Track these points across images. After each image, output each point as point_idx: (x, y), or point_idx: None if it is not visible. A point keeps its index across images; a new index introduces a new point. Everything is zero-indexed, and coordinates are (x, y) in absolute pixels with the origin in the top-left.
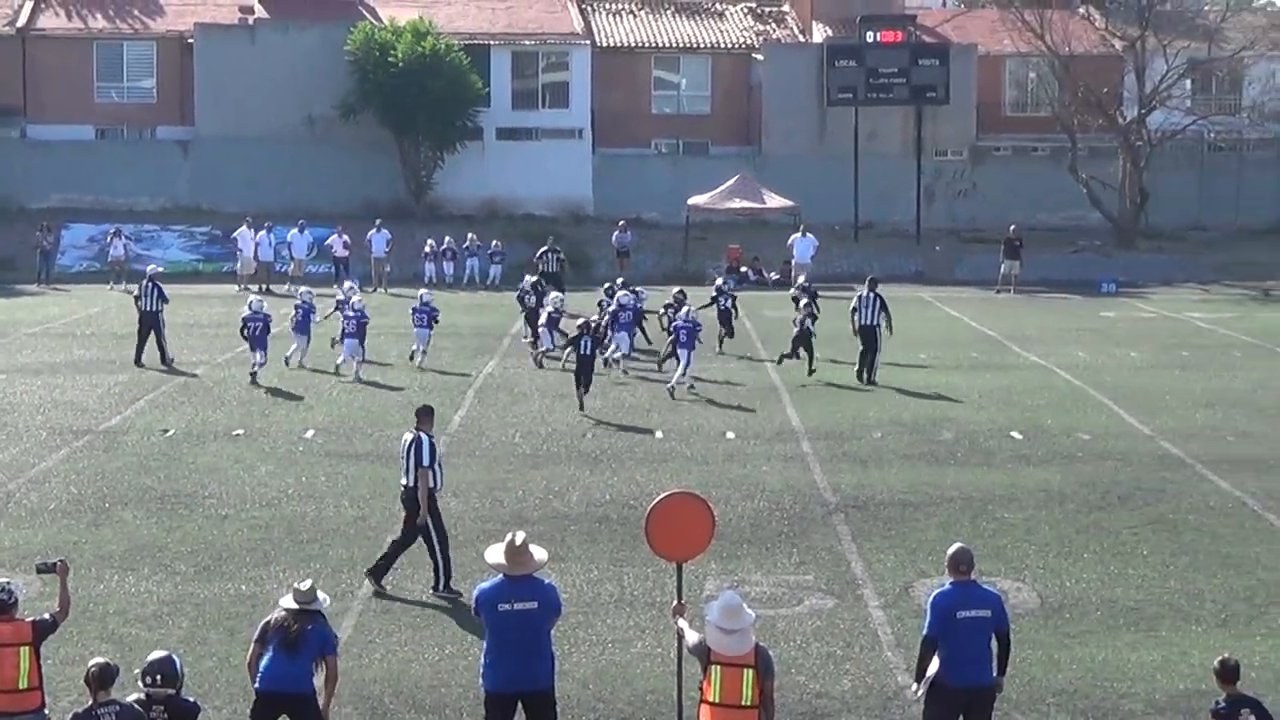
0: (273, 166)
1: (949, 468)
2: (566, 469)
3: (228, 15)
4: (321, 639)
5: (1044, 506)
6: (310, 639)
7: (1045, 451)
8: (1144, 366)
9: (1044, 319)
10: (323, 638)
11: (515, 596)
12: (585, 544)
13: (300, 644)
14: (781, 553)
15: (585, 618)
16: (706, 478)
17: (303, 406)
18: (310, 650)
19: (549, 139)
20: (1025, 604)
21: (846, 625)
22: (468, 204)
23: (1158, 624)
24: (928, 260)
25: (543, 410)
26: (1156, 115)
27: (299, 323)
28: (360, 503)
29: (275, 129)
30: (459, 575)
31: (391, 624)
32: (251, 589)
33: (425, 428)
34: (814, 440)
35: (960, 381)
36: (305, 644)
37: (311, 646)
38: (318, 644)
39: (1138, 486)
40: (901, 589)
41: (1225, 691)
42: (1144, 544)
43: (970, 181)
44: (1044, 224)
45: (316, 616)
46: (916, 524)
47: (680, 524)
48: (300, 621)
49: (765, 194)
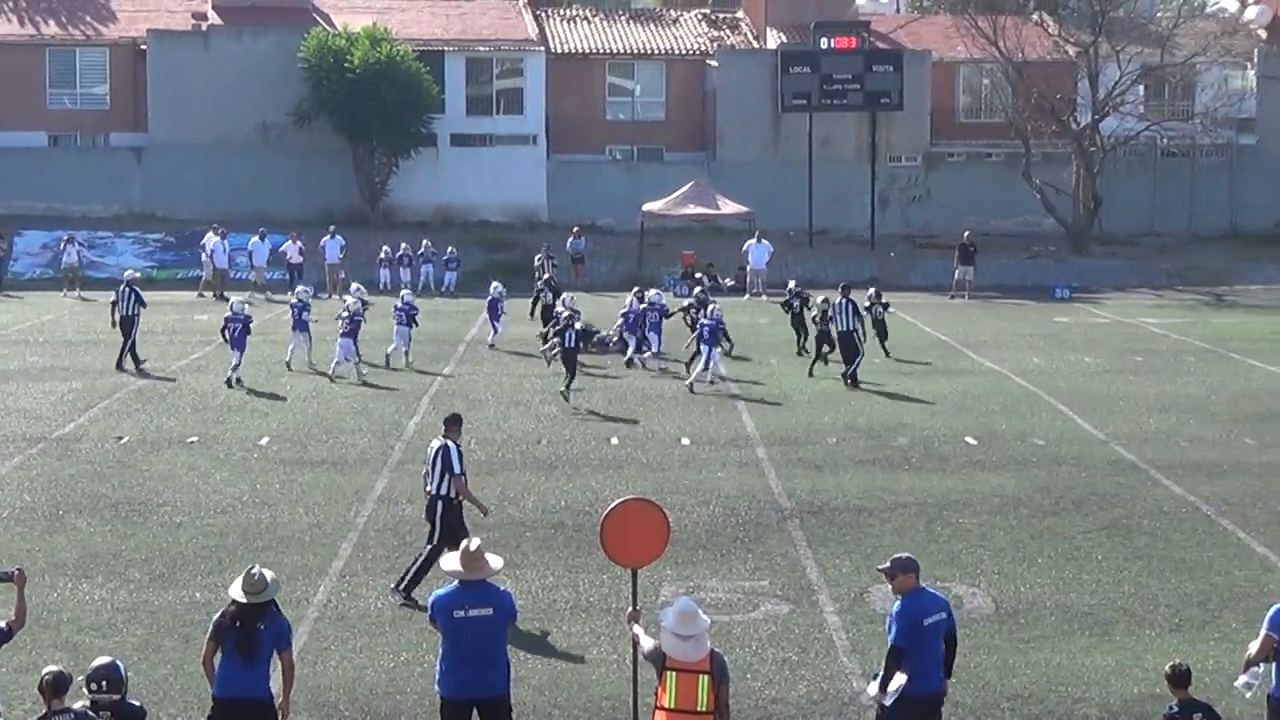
0: (227, 173)
1: (904, 473)
2: (522, 475)
3: (181, 21)
4: (276, 634)
5: (999, 512)
6: (264, 639)
7: (1000, 457)
8: (1098, 372)
9: (998, 324)
10: (277, 632)
11: (470, 603)
12: (541, 550)
13: (255, 646)
14: (737, 559)
15: (541, 624)
16: (662, 484)
17: (257, 413)
18: (266, 651)
19: (503, 145)
20: (980, 609)
21: (802, 631)
22: (422, 210)
23: (1112, 629)
24: (882, 266)
25: (498, 417)
26: (1109, 121)
27: (296, 322)
28: (315, 509)
29: (229, 135)
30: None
31: (346, 631)
32: (206, 596)
33: (453, 435)
34: (769, 446)
35: (915, 387)
36: (260, 645)
37: (266, 646)
38: (271, 641)
39: (1092, 492)
40: (857, 594)
41: (1177, 697)
42: (1098, 549)
43: (924, 187)
44: (998, 230)
45: (268, 608)
46: (871, 529)
47: (635, 530)
48: (252, 619)
49: (720, 200)
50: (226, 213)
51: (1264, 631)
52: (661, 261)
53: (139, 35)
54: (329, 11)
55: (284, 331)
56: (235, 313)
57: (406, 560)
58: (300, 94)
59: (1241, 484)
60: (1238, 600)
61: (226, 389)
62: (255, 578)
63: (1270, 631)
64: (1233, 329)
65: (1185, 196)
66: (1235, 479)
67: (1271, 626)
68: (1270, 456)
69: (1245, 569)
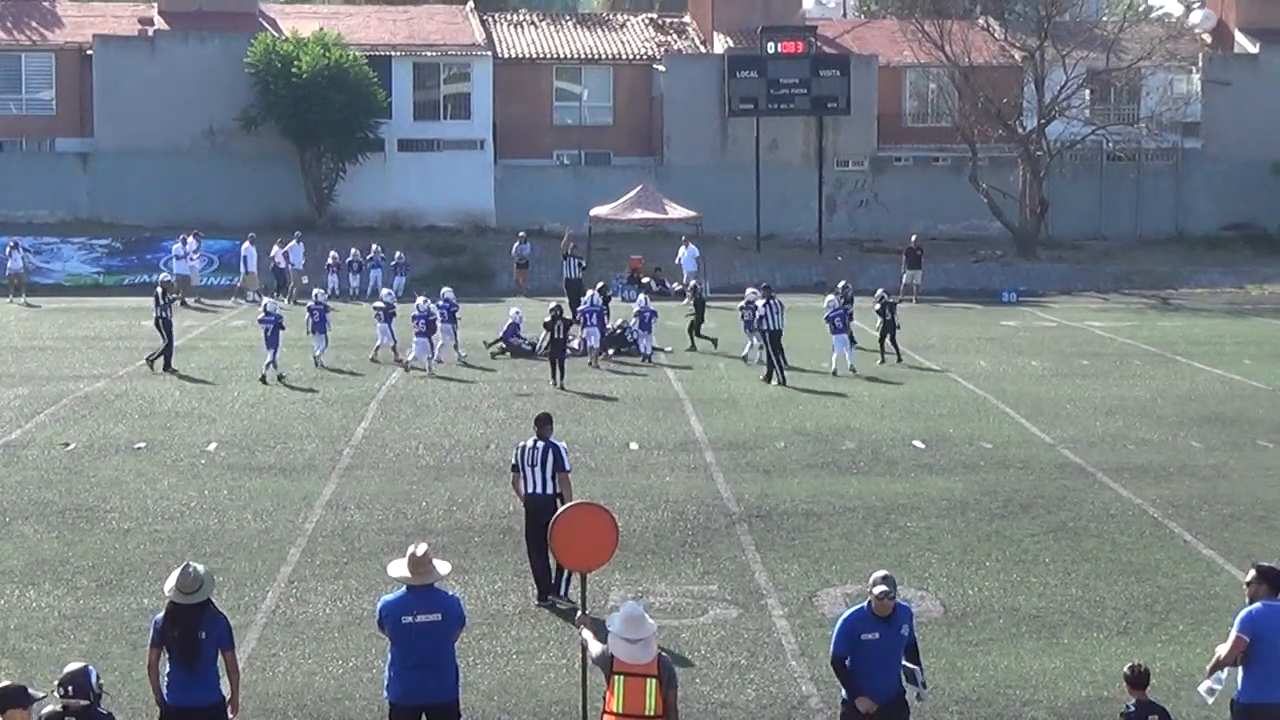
0: (173, 178)
1: (852, 477)
2: (470, 480)
3: (127, 27)
4: (217, 635)
5: (946, 515)
6: (207, 644)
7: (947, 460)
8: (1045, 375)
9: (945, 328)
10: (218, 633)
11: (418, 608)
12: (489, 555)
13: (198, 652)
14: (685, 563)
15: (490, 629)
16: (610, 488)
17: (205, 419)
18: (209, 653)
19: (450, 150)
20: (929, 612)
21: (750, 635)
22: (370, 216)
23: (1059, 631)
24: (829, 270)
25: (446, 422)
26: (1056, 125)
27: (316, 324)
28: (263, 515)
29: (176, 141)
30: (362, 587)
31: (295, 638)
32: (154, 603)
33: (548, 433)
34: (717, 450)
35: (863, 391)
36: (203, 650)
37: (209, 648)
38: (215, 642)
39: (1039, 495)
40: (805, 598)
41: (1135, 697)
42: (1045, 552)
43: (871, 191)
44: (945, 234)
45: (207, 608)
46: (819, 534)
47: (584, 535)
48: (191, 621)
49: (667, 204)
50: (173, 219)
51: (1234, 634)
52: (609, 266)
53: (85, 40)
54: (276, 17)
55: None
56: (269, 312)
57: (356, 566)
58: (247, 99)
59: (1188, 486)
60: (1185, 603)
61: (263, 385)
62: (190, 575)
63: (1240, 633)
64: (1178, 332)
65: (1131, 200)
66: (1181, 481)
67: (1241, 628)
68: (1216, 459)
69: (1191, 571)
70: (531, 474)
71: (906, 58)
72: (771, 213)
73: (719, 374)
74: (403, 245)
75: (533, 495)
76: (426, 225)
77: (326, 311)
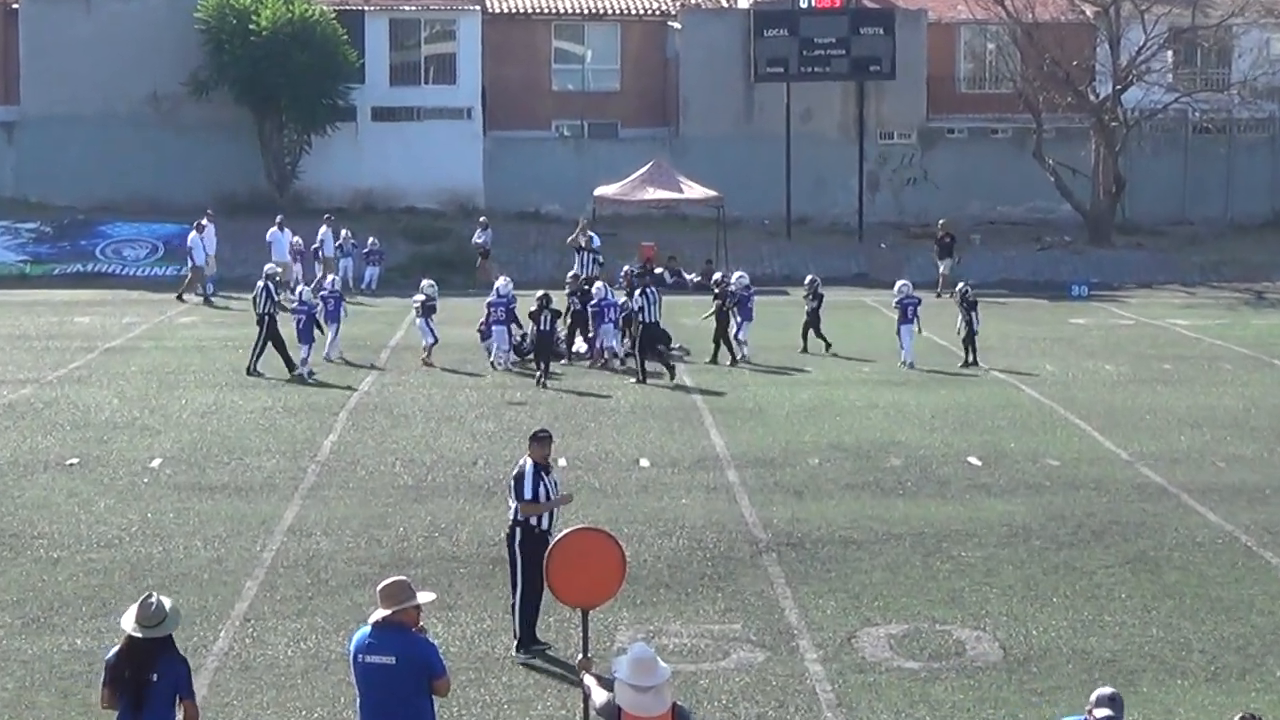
0: (112, 152)
1: (897, 499)
2: (455, 502)
3: None
4: (173, 679)
5: (1007, 544)
6: (158, 688)
7: (1008, 480)
8: (1121, 381)
9: (1005, 327)
10: (174, 677)
11: (373, 649)
12: (477, 589)
13: (145, 698)
14: (704, 598)
15: (478, 675)
16: (617, 512)
17: (148, 431)
18: (161, 701)
19: (433, 120)
20: (986, 656)
21: (780, 682)
22: (339, 195)
23: (1138, 678)
24: (871, 259)
25: (427, 434)
26: (1133, 92)
27: (329, 313)
28: (215, 542)
29: (115, 109)
30: (329, 626)
31: (251, 683)
32: (88, 643)
33: (535, 454)
34: (741, 468)
35: (910, 399)
36: (153, 696)
37: (161, 695)
38: (169, 687)
39: (1114, 520)
40: (843, 640)
41: None
42: (1122, 586)
43: (920, 168)
44: (1005, 217)
45: (165, 647)
46: (860, 564)
47: (586, 565)
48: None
49: (683, 183)
50: (111, 199)
51: None
52: (617, 255)
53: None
54: None
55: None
56: (303, 302)
57: (322, 601)
58: (197, 61)
59: None
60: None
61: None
62: (153, 607)
63: None
64: (1276, 331)
65: (1221, 179)
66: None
67: None
68: None
69: None
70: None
71: (960, 13)
72: (804, 193)
73: (743, 379)
74: (377, 230)
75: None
76: (404, 207)
77: (341, 301)
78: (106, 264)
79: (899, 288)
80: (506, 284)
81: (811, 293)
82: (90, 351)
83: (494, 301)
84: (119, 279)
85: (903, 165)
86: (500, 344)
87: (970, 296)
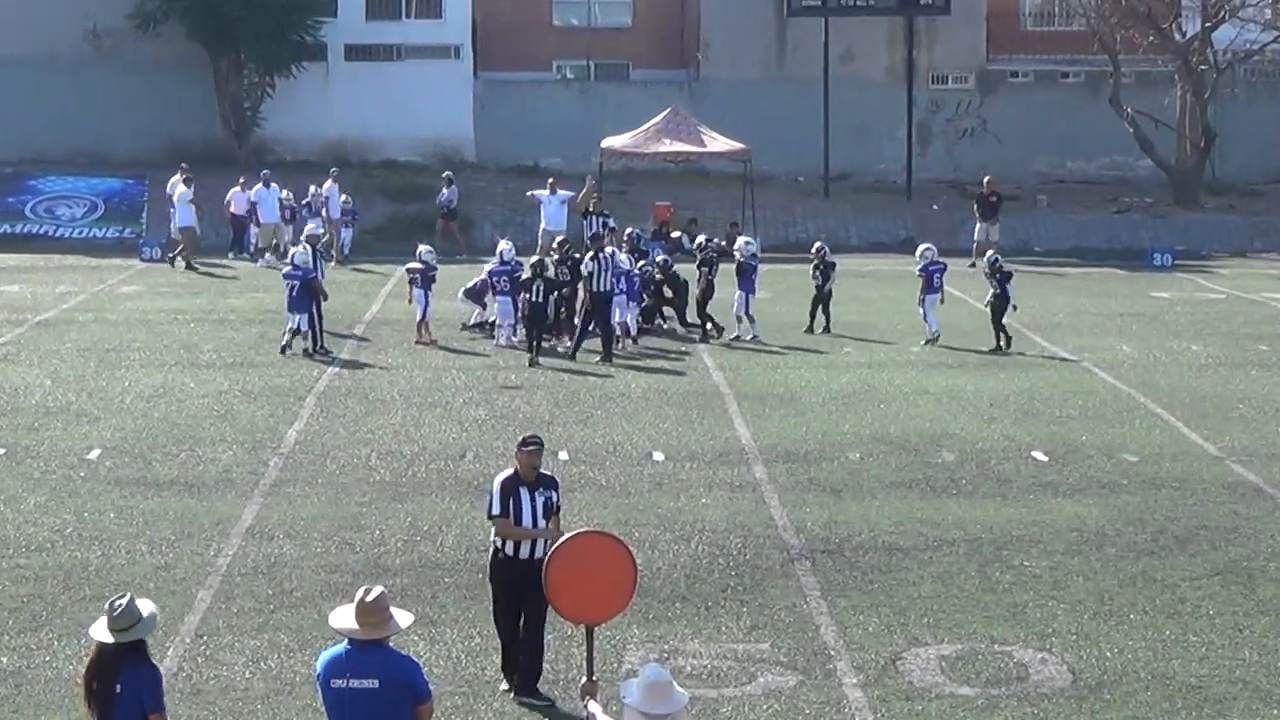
0: (44, 97)
1: (950, 500)
2: (439, 501)
3: None
4: (137, 691)
5: (1077, 551)
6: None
7: (1078, 478)
8: (1209, 364)
9: (1076, 301)
10: (139, 687)
11: (353, 670)
12: (464, 602)
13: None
14: (727, 613)
15: (465, 700)
16: (627, 513)
17: (85, 418)
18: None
19: (416, 60)
20: (1052, 681)
21: (814, 710)
22: (307, 147)
23: (1228, 706)
24: (921, 222)
25: (408, 423)
26: (1225, 30)
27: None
28: (162, 547)
29: (49, 47)
30: (293, 643)
31: (204, 710)
32: (15, 662)
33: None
34: (770, 463)
35: (965, 385)
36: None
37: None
38: (134, 700)
39: (1201, 525)
40: (887, 661)
41: None
42: (1210, 601)
43: (979, 118)
44: (1076, 174)
45: (135, 654)
46: (907, 575)
47: (591, 575)
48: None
49: (705, 134)
50: (43, 149)
51: None
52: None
53: None
54: None
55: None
56: (296, 266)
57: (285, 615)
58: None
59: None
60: None
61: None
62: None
63: None
64: None
65: None
66: None
67: None
68: None
69: None
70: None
71: None
72: (844, 146)
73: (772, 361)
74: (351, 187)
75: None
76: (382, 160)
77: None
78: (38, 224)
79: (921, 252)
80: (510, 249)
81: (820, 261)
82: (18, 325)
83: (496, 269)
84: (52, 241)
85: (958, 114)
86: (505, 318)
87: (1002, 266)
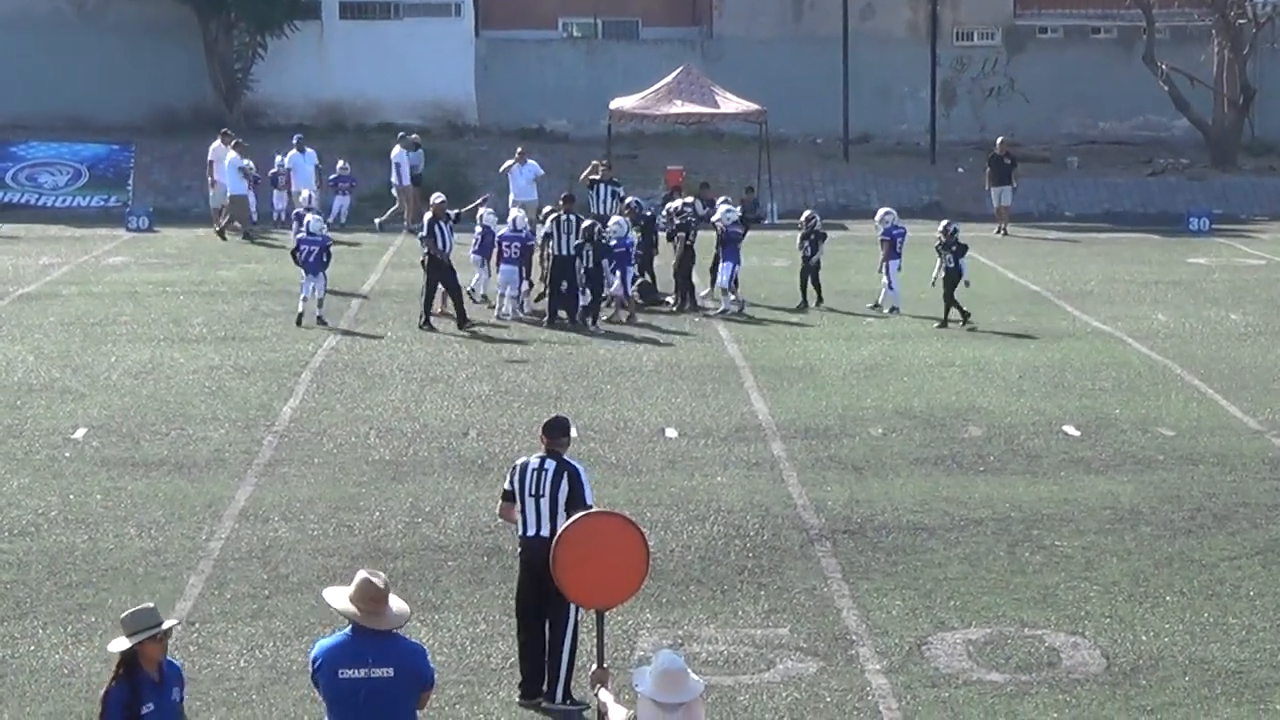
0: (25, 59)
1: (978, 477)
2: (442, 481)
3: None
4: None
5: (1111, 530)
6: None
7: (1111, 454)
8: (1250, 334)
9: (1110, 268)
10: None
11: (365, 659)
12: (468, 586)
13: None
14: (744, 597)
15: (470, 689)
16: (639, 492)
17: (70, 395)
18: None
19: (414, 18)
20: (1085, 665)
21: (835, 698)
22: (301, 110)
23: (1270, 693)
24: (946, 186)
25: (408, 399)
26: None
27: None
28: (152, 530)
29: (28, 7)
30: (289, 630)
31: (197, 699)
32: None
33: (561, 448)
34: (789, 439)
35: (993, 356)
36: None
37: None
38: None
39: (1241, 502)
40: (911, 646)
41: None
42: (1250, 582)
43: (1006, 76)
44: (1109, 135)
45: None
46: (932, 556)
47: (601, 557)
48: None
49: (719, 94)
50: (24, 115)
51: None
52: (638, 180)
53: None
54: None
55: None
56: (312, 233)
57: (281, 600)
58: None
59: None
60: None
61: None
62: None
63: None
64: None
65: None
66: None
67: None
68: None
69: None
70: (533, 508)
71: None
72: (865, 107)
73: (790, 333)
74: (346, 152)
75: (534, 538)
76: (379, 123)
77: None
78: (19, 192)
79: (882, 216)
80: (523, 216)
81: (809, 231)
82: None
83: (507, 236)
84: (34, 210)
85: (984, 72)
86: (511, 287)
87: (959, 238)
